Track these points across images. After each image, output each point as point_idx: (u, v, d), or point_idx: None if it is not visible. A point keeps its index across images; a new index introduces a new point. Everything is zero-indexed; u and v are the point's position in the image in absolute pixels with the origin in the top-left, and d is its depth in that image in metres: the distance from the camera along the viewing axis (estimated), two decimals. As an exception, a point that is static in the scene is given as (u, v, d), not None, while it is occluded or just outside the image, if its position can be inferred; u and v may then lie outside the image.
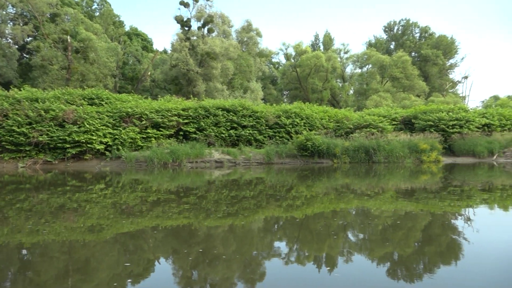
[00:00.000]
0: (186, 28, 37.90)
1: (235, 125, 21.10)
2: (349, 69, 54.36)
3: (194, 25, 38.44)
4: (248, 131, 20.95)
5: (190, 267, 4.42)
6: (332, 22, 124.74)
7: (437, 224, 6.69)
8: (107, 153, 18.74)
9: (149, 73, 43.13)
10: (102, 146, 18.58)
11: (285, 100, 55.37)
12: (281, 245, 5.40)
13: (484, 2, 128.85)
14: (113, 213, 7.29)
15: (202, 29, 38.26)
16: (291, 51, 51.05)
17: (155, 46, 57.20)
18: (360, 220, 7.01)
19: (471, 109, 26.54)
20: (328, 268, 4.40)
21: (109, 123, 19.43)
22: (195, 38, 37.04)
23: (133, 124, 19.74)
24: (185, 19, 37.62)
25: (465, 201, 8.71)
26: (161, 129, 20.19)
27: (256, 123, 21.41)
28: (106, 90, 25.25)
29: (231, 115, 21.27)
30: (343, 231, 6.14)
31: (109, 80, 38.38)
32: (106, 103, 22.03)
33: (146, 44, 53.74)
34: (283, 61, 56.19)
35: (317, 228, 6.21)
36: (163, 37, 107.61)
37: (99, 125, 18.89)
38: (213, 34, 39.24)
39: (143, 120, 19.95)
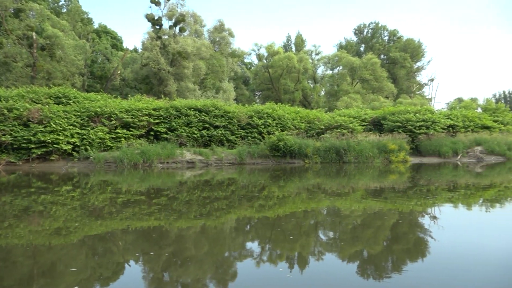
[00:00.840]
0: (157, 27, 37.37)
1: (207, 125, 20.97)
2: (320, 71, 55.12)
3: (166, 24, 37.97)
4: (220, 132, 20.87)
5: (161, 269, 4.36)
6: (304, 24, 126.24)
7: (405, 222, 6.88)
8: (75, 153, 18.21)
9: (119, 72, 42.25)
10: (69, 147, 18.05)
11: (257, 100, 55.50)
12: (253, 246, 5.41)
13: (449, 8, 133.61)
14: (81, 215, 7.09)
15: (174, 28, 37.83)
16: (263, 51, 51.25)
17: (125, 45, 56.11)
18: (331, 220, 7.12)
19: (436, 110, 27.44)
20: (300, 267, 4.44)
21: (76, 122, 18.91)
22: (166, 37, 36.56)
23: (102, 124, 19.29)
24: (156, 18, 37.08)
25: (431, 199, 9.00)
26: (131, 129, 19.82)
27: (228, 124, 21.36)
28: (74, 89, 24.53)
29: (203, 115, 21.13)
30: (314, 230, 6.21)
31: (76, 78, 37.31)
32: (73, 102, 21.42)
33: (115, 42, 52.59)
34: (256, 61, 56.31)
35: (289, 228, 6.25)
36: (134, 35, 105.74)
37: (66, 124, 18.35)
38: (185, 34, 38.87)
39: (112, 120, 19.52)
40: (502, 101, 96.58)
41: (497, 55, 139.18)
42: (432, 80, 63.69)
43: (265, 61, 50.59)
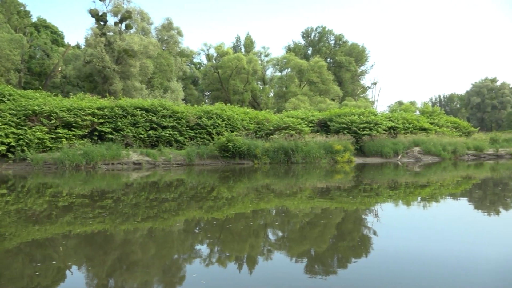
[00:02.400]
0: (102, 23, 35.90)
1: (155, 126, 20.48)
2: (269, 72, 55.70)
3: (111, 20, 36.55)
4: (168, 132, 20.46)
5: (105, 274, 4.18)
6: (253, 25, 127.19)
7: (350, 220, 7.14)
8: (10, 154, 17.03)
9: (59, 69, 40.09)
10: (4, 147, 16.85)
11: (207, 101, 55.07)
12: (202, 247, 5.36)
13: (391, 15, 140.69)
14: (16, 220, 6.65)
15: (120, 24, 36.55)
16: (213, 52, 50.93)
17: (66, 40, 53.30)
18: (279, 219, 7.22)
19: (379, 113, 28.69)
20: (249, 267, 4.46)
21: (12, 121, 17.70)
22: (111, 33, 35.24)
23: (41, 124, 18.21)
24: (100, 13, 35.59)
25: (374, 198, 9.41)
26: (73, 129, 18.87)
27: (176, 124, 20.99)
28: (9, 86, 22.95)
29: (150, 115, 20.60)
30: (263, 230, 6.27)
31: (12, 74, 34.94)
32: (8, 99, 20.03)
33: (56, 38, 49.85)
34: (205, 61, 55.81)
35: (238, 228, 6.26)
36: (76, 31, 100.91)
37: (0, 124, 17.13)
38: (131, 31, 37.68)
39: (52, 119, 18.48)
40: (438, 104, 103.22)
41: (434, 61, 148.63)
42: (375, 83, 66.80)
43: (214, 62, 50.32)
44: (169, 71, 40.23)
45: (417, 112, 33.75)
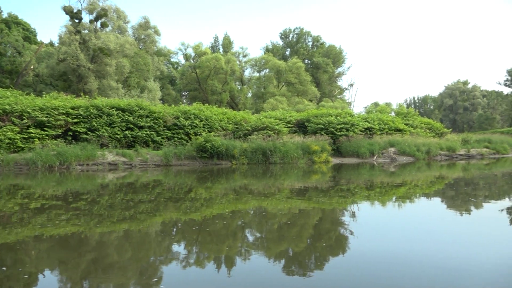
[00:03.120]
0: (77, 21, 35.10)
1: (131, 126, 20.16)
2: (247, 73, 55.74)
3: (86, 17, 35.80)
4: (145, 132, 20.19)
5: (80, 277, 4.09)
6: (231, 26, 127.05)
7: (327, 220, 7.21)
8: (-21, 155, 16.45)
9: (32, 67, 38.95)
10: (-27, 148, 16.27)
11: (184, 101, 54.63)
12: (180, 248, 5.30)
13: (367, 18, 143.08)
14: (-14, 223, 6.42)
15: (95, 22, 35.84)
16: (191, 51, 50.57)
17: (39, 38, 51.85)
18: (257, 220, 7.22)
19: (356, 114, 29.09)
20: (227, 268, 4.44)
21: (-19, 121, 17.10)
22: (86, 31, 34.52)
23: (12, 123, 17.66)
24: (75, 11, 34.81)
25: (351, 197, 9.54)
26: (46, 128, 18.37)
27: (153, 124, 20.74)
28: (-22, 84, 22.16)
29: (126, 115, 20.28)
30: (241, 231, 6.25)
31: (-19, 72, 33.78)
32: (-23, 98, 19.35)
33: (28, 35, 48.41)
34: (182, 61, 55.32)
35: (216, 229, 6.23)
36: (49, 28, 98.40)
37: (-31, 123, 16.55)
38: (107, 29, 37.03)
39: (24, 119, 17.95)
40: (412, 106, 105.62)
41: (408, 64, 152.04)
42: (351, 85, 67.80)
43: (192, 61, 50.00)
44: (146, 70, 39.72)
45: (393, 113, 34.38)
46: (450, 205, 8.62)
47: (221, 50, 60.43)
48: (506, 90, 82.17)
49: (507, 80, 77.10)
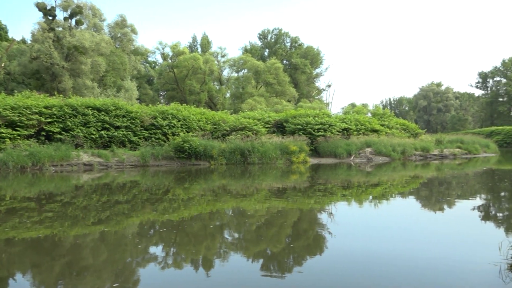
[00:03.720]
0: (50, 18, 34.20)
1: (107, 126, 19.77)
2: (226, 73, 55.54)
3: (60, 15, 34.95)
4: (121, 132, 19.84)
5: (53, 281, 3.98)
6: (209, 25, 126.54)
7: (306, 220, 7.26)
8: None
9: (3, 65, 37.72)
10: None
11: (162, 101, 53.99)
12: (157, 250, 5.23)
13: (345, 20, 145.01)
14: (-47, 226, 6.17)
15: (69, 20, 35.02)
16: (168, 51, 50.02)
17: (10, 35, 50.33)
18: (236, 220, 7.21)
19: (333, 115, 29.43)
20: (205, 269, 4.41)
21: (-51, 120, 16.44)
22: (60, 29, 33.68)
23: (-18, 123, 17.04)
24: (48, 7, 33.91)
25: (328, 197, 9.64)
26: (18, 128, 17.80)
27: (130, 124, 20.40)
28: None
29: (102, 114, 19.88)
30: (220, 231, 6.23)
31: (-51, 70, 32.53)
32: None
33: (-1, 32, 46.98)
34: (160, 60, 54.69)
35: (194, 230, 6.18)
36: (21, 25, 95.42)
37: None
38: (82, 27, 36.25)
39: (-5, 118, 17.35)
40: (388, 107, 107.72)
41: (385, 66, 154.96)
42: (329, 86, 68.64)
43: (170, 61, 49.47)
44: (122, 69, 39.08)
45: (369, 114, 34.94)
46: (425, 204, 8.82)
47: (199, 50, 60.08)
48: (477, 92, 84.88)
49: (478, 82, 79.67)
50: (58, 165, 16.66)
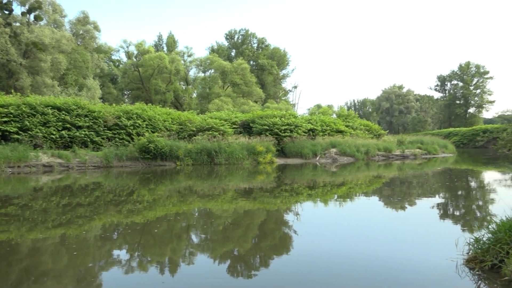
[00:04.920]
0: (7, 12, 32.66)
1: (68, 126, 19.09)
2: (192, 73, 55.02)
3: (18, 9, 33.50)
4: (83, 132, 19.21)
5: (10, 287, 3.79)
6: (176, 25, 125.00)
7: (272, 219, 7.30)
8: None
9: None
10: None
11: (126, 100, 52.75)
12: (121, 253, 5.10)
13: (310, 23, 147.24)
14: None
15: (28, 15, 33.56)
16: (133, 49, 49.01)
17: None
18: (203, 221, 7.14)
19: (299, 115, 29.75)
20: (171, 272, 4.34)
21: None
22: (18, 24, 32.23)
23: None
24: (4, 1, 32.35)
25: (295, 197, 9.74)
26: (-29, 128, 16.90)
27: (93, 124, 19.80)
28: None
29: (63, 114, 19.18)
30: (186, 233, 6.15)
31: None
32: None
33: (-50, 26, 44.37)
34: (124, 59, 53.38)
35: (160, 232, 6.07)
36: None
37: None
38: (42, 23, 34.84)
39: None
40: (353, 108, 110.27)
41: (349, 68, 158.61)
42: (295, 87, 69.53)
43: (135, 60, 48.47)
44: (84, 67, 37.90)
45: (334, 115, 35.58)
46: (387, 203, 9.08)
47: (165, 49, 59.17)
48: (436, 95, 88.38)
49: (437, 85, 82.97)
50: (15, 167, 15.93)
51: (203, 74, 54.03)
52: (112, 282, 4.02)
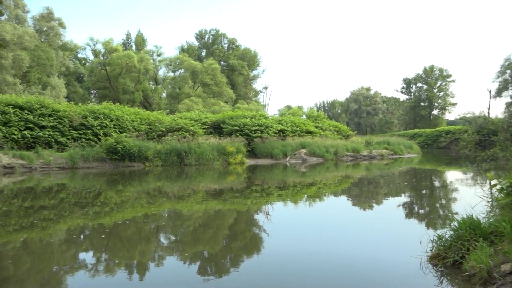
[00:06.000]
0: (-35, 6, 31.19)
1: (31, 125, 18.38)
2: (162, 72, 54.21)
3: (-24, 4, 31.98)
4: (47, 132, 18.55)
5: (-34, 296, 3.60)
6: (145, 23, 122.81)
7: (243, 220, 7.29)
8: None
9: None
10: None
11: (93, 99, 51.35)
12: (87, 256, 4.96)
13: (281, 24, 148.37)
14: None
15: (-13, 10, 32.15)
16: (100, 47, 47.78)
17: None
18: (172, 223, 7.05)
19: (270, 116, 29.91)
20: (139, 275, 4.25)
21: None
22: (-23, 19, 30.83)
23: None
24: (-38, -5, 30.87)
25: (265, 198, 9.77)
26: None
27: (57, 124, 19.15)
28: None
29: (25, 113, 18.46)
30: (155, 235, 6.05)
31: None
32: None
33: None
34: (91, 57, 51.93)
35: (128, 234, 5.94)
36: None
37: None
38: (2, 18, 33.43)
39: None
40: (322, 109, 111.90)
41: (319, 69, 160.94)
42: (266, 88, 69.84)
43: (102, 58, 47.26)
44: (49, 65, 36.65)
45: (304, 116, 36.00)
46: (355, 203, 9.26)
47: (133, 47, 58.04)
48: (402, 97, 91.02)
49: (403, 87, 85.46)
50: (-26, 168, 15.19)
51: (173, 74, 53.36)
52: (77, 286, 3.90)
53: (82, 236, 5.98)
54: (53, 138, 18.69)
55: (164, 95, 53.18)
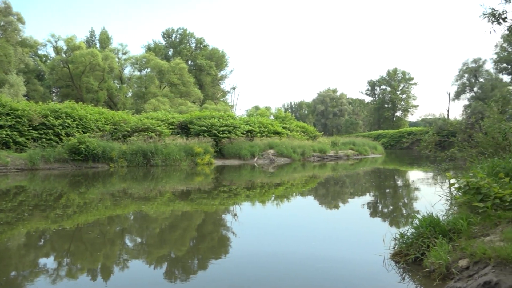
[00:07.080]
0: None
1: (-13, 125, 17.53)
2: (127, 71, 53.02)
3: None
4: (4, 132, 17.71)
5: None
6: (109, 20, 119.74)
7: (210, 221, 7.24)
8: None
9: None
10: None
11: (55, 98, 49.56)
12: (48, 261, 4.77)
13: (248, 25, 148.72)
14: None
15: None
16: (62, 44, 46.18)
17: None
18: (138, 225, 6.91)
19: (237, 117, 29.92)
20: (103, 279, 4.14)
21: None
22: None
23: None
24: None
25: (233, 198, 9.75)
26: None
27: (16, 123, 18.33)
28: None
29: (-19, 112, 17.57)
30: (120, 237, 5.91)
31: None
32: None
33: None
34: (52, 54, 50.09)
35: (91, 237, 5.77)
36: None
37: None
38: (-44, 11, 31.70)
39: None
40: (289, 110, 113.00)
41: (287, 70, 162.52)
42: (234, 88, 69.91)
43: (64, 55, 45.68)
44: (6, 62, 35.04)
45: (272, 117, 36.23)
46: (322, 203, 9.41)
47: (98, 45, 56.44)
48: (367, 99, 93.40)
49: (368, 89, 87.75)
50: None
51: (139, 73, 52.33)
52: (37, 293, 3.75)
53: (42, 240, 5.75)
54: (11, 138, 17.88)
55: (129, 94, 52.07)
